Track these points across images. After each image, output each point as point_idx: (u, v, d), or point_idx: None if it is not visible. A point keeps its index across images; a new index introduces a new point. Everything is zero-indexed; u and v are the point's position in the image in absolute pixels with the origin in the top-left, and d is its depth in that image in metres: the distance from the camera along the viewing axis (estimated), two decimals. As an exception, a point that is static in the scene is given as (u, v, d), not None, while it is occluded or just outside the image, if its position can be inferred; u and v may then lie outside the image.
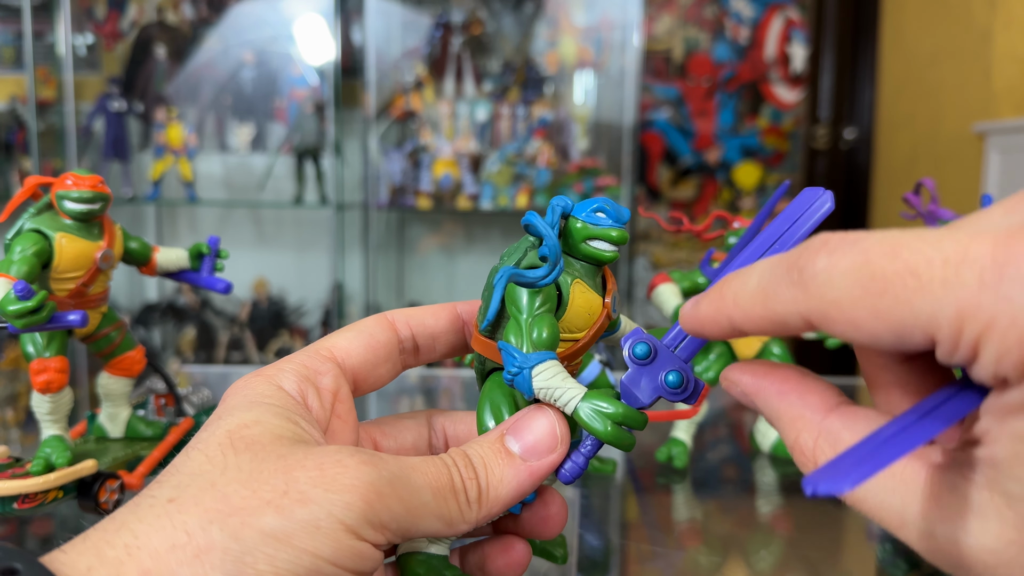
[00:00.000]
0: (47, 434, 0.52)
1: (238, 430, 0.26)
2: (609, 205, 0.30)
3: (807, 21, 2.51)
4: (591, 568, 0.52)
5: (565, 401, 0.28)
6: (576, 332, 0.31)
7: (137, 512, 0.24)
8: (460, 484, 0.27)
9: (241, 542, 0.23)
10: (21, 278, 0.47)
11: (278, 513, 0.23)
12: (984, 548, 0.20)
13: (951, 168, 2.03)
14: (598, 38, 2.30)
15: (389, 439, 0.34)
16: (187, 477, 0.25)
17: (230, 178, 2.33)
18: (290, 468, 0.24)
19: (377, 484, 0.25)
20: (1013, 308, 0.18)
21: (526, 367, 0.28)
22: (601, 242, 0.30)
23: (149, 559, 0.22)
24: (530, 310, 0.29)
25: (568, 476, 0.29)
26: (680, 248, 2.55)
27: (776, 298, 0.23)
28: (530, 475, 0.28)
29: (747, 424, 0.82)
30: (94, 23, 2.21)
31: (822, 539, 0.60)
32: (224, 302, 2.30)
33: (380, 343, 0.32)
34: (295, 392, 0.29)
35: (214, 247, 0.58)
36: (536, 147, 2.15)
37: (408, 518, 0.25)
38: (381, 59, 2.18)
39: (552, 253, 0.28)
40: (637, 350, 0.29)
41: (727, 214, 0.71)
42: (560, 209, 0.30)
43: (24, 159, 2.10)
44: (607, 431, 0.28)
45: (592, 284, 0.31)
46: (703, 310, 0.26)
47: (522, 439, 0.29)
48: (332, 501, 0.24)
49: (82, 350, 1.89)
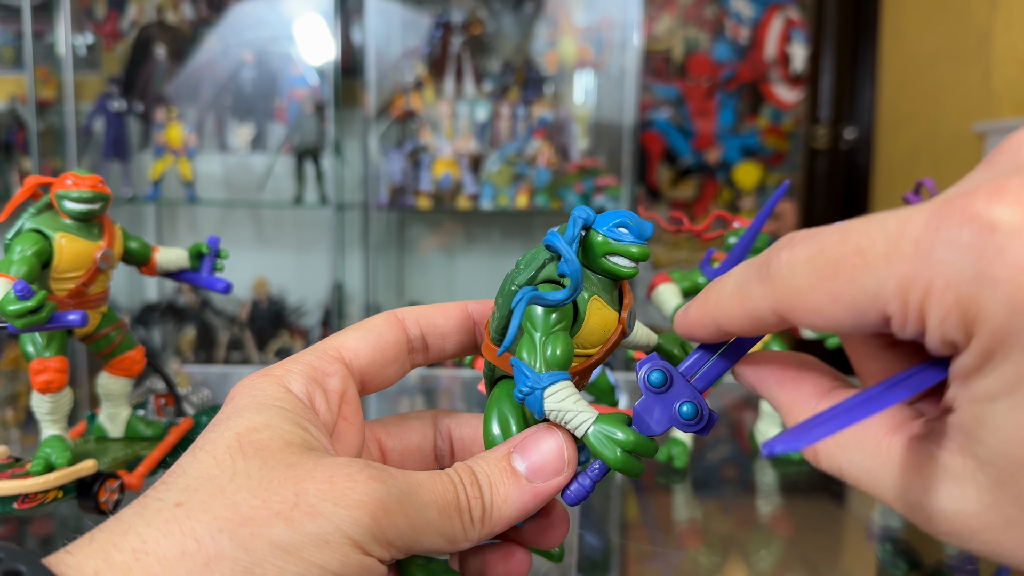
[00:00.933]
0: (47, 434, 0.52)
1: (247, 434, 0.26)
2: (632, 221, 0.30)
3: (807, 21, 2.51)
4: (591, 568, 0.52)
5: (576, 424, 0.28)
6: (590, 348, 0.30)
7: (144, 515, 0.23)
8: (465, 503, 0.27)
9: (251, 553, 0.23)
10: (21, 278, 0.47)
11: (288, 526, 0.23)
12: (964, 513, 0.20)
13: (951, 168, 2.03)
14: (598, 38, 2.30)
15: (394, 439, 0.34)
16: (195, 480, 0.24)
17: (230, 178, 2.33)
18: (300, 479, 0.24)
19: (385, 501, 0.25)
20: (947, 270, 0.18)
21: (538, 388, 0.28)
22: (621, 258, 0.30)
23: (158, 565, 0.22)
24: (545, 328, 0.29)
25: (573, 498, 0.29)
26: (680, 248, 2.55)
27: (749, 295, 0.24)
28: (534, 496, 0.28)
29: (747, 424, 0.82)
30: (94, 23, 2.21)
31: (822, 539, 0.60)
32: (224, 302, 2.30)
33: (389, 343, 0.32)
34: (303, 395, 0.29)
35: (214, 247, 0.58)
36: (536, 147, 2.15)
37: (413, 535, 0.25)
38: (381, 59, 2.18)
39: (573, 277, 0.28)
40: (652, 378, 0.28)
41: (727, 214, 0.71)
42: (582, 221, 0.29)
43: (24, 159, 2.10)
44: (616, 458, 0.27)
45: (609, 299, 0.31)
46: (692, 314, 0.27)
47: (529, 459, 0.28)
48: (341, 516, 0.24)
49: (82, 350, 1.89)
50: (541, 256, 0.30)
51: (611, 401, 0.63)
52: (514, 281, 0.30)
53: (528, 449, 0.29)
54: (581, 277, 0.28)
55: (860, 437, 0.23)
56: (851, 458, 0.23)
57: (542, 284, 0.30)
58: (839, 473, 0.24)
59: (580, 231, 0.29)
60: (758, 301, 0.23)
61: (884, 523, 0.63)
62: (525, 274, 0.30)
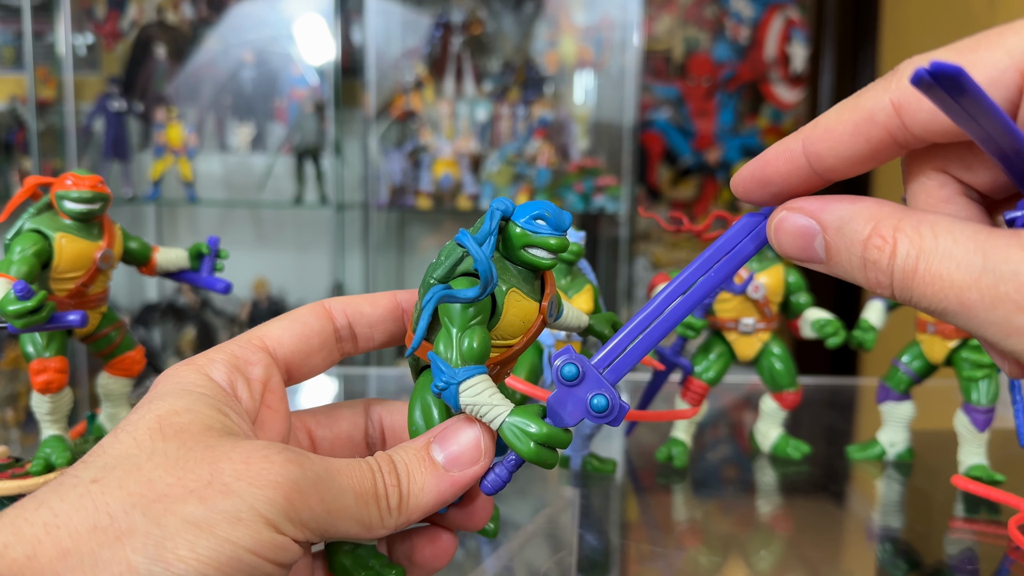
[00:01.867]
0: (47, 434, 0.52)
1: (168, 416, 0.26)
2: (550, 212, 0.30)
3: (807, 21, 2.51)
4: (591, 568, 0.52)
5: (491, 418, 0.28)
6: (510, 339, 0.31)
7: (59, 491, 0.24)
8: (383, 490, 0.28)
9: (163, 528, 0.23)
10: (21, 278, 0.47)
11: (201, 502, 0.23)
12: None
13: (951, 168, 2.03)
14: (598, 38, 2.30)
15: (324, 428, 0.34)
16: (112, 459, 0.25)
17: (230, 178, 2.32)
18: (216, 459, 0.25)
19: (300, 483, 0.25)
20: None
21: (453, 383, 0.28)
22: (539, 250, 0.30)
23: (68, 538, 0.22)
24: (462, 323, 0.29)
25: (490, 488, 0.30)
26: (680, 248, 2.55)
27: (866, 96, 0.24)
28: (451, 485, 0.29)
29: (747, 424, 0.82)
30: (94, 23, 2.21)
31: (822, 539, 0.60)
32: (224, 302, 2.30)
33: (314, 331, 0.32)
34: (225, 382, 0.29)
35: (214, 247, 0.58)
36: (536, 147, 2.15)
37: (328, 519, 0.26)
38: (381, 59, 2.18)
39: (483, 275, 0.28)
40: (565, 371, 0.29)
41: (727, 214, 0.71)
42: (499, 214, 0.30)
43: (24, 159, 2.10)
44: (530, 450, 0.28)
45: (528, 290, 0.31)
46: (770, 154, 0.27)
47: (447, 449, 0.29)
48: (255, 495, 0.24)
49: (82, 350, 1.89)
50: (460, 249, 0.30)
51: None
52: (432, 274, 0.30)
53: (446, 439, 0.29)
54: (492, 274, 0.28)
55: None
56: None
57: (459, 278, 0.30)
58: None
59: (499, 222, 0.29)
60: (879, 95, 0.23)
61: (884, 523, 0.62)
62: (443, 267, 0.30)
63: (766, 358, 0.71)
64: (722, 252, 0.28)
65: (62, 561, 0.22)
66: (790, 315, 0.71)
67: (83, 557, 0.22)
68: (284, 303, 2.32)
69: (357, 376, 1.09)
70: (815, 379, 1.01)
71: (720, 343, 0.71)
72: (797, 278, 0.70)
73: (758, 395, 0.75)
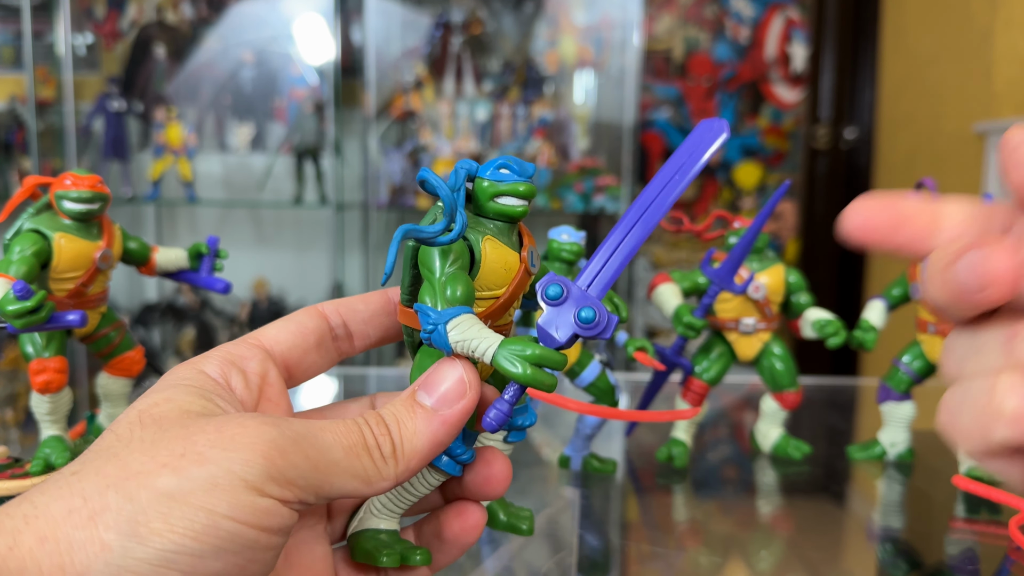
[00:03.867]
0: (46, 434, 0.52)
1: (148, 408, 0.27)
2: (512, 161, 0.31)
3: (807, 21, 2.51)
4: (591, 568, 0.52)
5: (483, 351, 0.29)
6: (495, 289, 0.31)
7: (42, 487, 0.24)
8: (373, 441, 0.28)
9: (135, 502, 0.23)
10: (20, 278, 0.47)
11: (174, 473, 0.24)
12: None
13: (951, 168, 2.02)
14: (598, 38, 2.29)
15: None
16: (93, 454, 0.25)
17: (230, 178, 2.32)
18: (191, 434, 0.25)
19: (279, 442, 0.25)
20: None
21: (440, 323, 0.29)
22: (509, 197, 0.31)
23: (46, 526, 0.23)
24: (442, 269, 0.30)
25: (493, 424, 0.30)
26: (680, 248, 2.55)
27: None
28: (443, 423, 0.29)
29: (747, 424, 0.82)
30: (94, 23, 2.21)
31: (822, 539, 0.60)
32: (224, 302, 2.30)
33: (309, 330, 0.33)
34: (217, 375, 0.29)
35: (213, 247, 0.58)
36: (536, 147, 2.15)
37: (317, 475, 0.26)
38: (381, 59, 2.18)
39: (447, 204, 0.29)
40: (550, 291, 0.29)
41: (727, 214, 0.71)
42: (464, 172, 0.30)
43: (23, 159, 2.10)
44: (526, 374, 0.28)
45: (507, 241, 0.32)
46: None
47: (433, 391, 0.29)
48: (231, 459, 0.24)
49: (82, 350, 1.89)
50: (435, 209, 0.31)
51: (611, 402, 0.63)
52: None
53: (430, 382, 0.29)
54: (455, 203, 0.29)
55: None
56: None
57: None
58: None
59: (464, 182, 0.30)
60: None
61: (884, 523, 0.62)
62: (421, 225, 0.31)
63: (767, 358, 0.70)
64: (685, 156, 0.29)
65: (40, 547, 0.22)
66: (791, 315, 0.71)
67: (59, 541, 0.22)
68: (284, 303, 2.32)
69: (357, 376, 1.09)
70: (816, 379, 1.01)
71: (720, 343, 0.71)
72: (797, 278, 0.70)
73: (758, 395, 0.75)
